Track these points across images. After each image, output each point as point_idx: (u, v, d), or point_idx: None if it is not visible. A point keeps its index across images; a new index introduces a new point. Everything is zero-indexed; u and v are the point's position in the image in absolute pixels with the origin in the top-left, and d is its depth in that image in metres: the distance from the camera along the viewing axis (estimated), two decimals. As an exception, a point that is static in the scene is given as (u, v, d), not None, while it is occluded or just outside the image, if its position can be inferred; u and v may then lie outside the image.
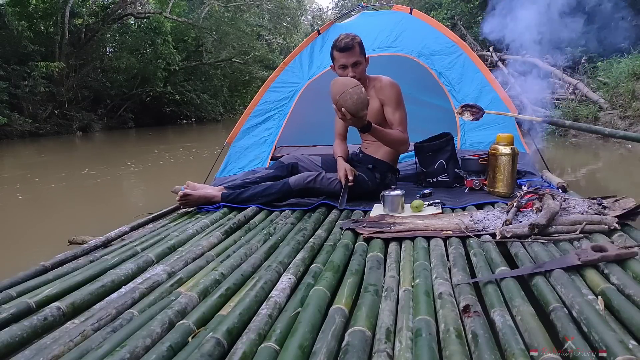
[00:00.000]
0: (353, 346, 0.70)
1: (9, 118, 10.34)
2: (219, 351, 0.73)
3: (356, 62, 1.90)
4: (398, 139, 1.91)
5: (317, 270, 1.09)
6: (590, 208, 1.35)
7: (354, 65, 1.90)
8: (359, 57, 1.91)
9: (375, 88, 1.98)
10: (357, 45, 1.90)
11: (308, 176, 1.88)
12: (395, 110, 1.95)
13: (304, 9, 25.22)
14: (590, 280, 0.92)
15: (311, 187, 1.87)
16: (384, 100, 1.96)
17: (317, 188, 1.88)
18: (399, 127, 1.93)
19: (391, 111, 1.95)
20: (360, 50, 1.92)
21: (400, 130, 1.93)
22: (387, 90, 1.95)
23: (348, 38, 1.88)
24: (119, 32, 15.51)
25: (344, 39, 1.88)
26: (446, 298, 0.87)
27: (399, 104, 1.96)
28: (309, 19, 30.40)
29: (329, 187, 1.88)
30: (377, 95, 1.96)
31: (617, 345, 0.65)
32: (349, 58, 1.89)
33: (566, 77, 6.44)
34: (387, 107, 1.96)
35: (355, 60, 1.90)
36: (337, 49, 1.90)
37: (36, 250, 2.37)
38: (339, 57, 1.91)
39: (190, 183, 1.95)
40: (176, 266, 1.17)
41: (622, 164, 4.27)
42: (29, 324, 0.84)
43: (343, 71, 1.92)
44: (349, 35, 1.91)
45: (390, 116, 1.95)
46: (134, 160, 6.03)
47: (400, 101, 1.97)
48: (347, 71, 1.90)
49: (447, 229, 1.35)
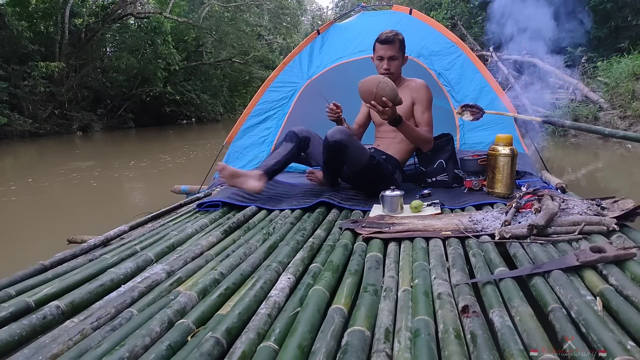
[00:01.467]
0: (352, 346, 0.70)
1: (9, 118, 10.35)
2: (218, 350, 0.73)
3: (393, 57, 2.00)
4: (424, 137, 1.99)
5: (316, 270, 1.09)
6: (589, 209, 1.35)
7: (390, 58, 2.00)
8: (397, 52, 2.01)
9: (410, 87, 2.06)
10: (397, 41, 2.00)
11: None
12: (425, 111, 2.03)
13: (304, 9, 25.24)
14: (589, 281, 0.92)
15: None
16: (415, 99, 2.04)
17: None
18: (426, 127, 2.02)
19: (421, 111, 2.03)
20: (400, 47, 2.02)
21: (426, 130, 2.01)
22: (421, 91, 2.04)
23: (391, 33, 2.00)
24: (119, 32, 15.52)
25: (387, 33, 2.00)
26: (445, 298, 0.87)
27: (429, 106, 2.05)
28: (309, 19, 30.40)
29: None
30: (410, 94, 2.04)
31: (616, 346, 0.66)
32: (387, 51, 1.99)
33: (566, 77, 6.45)
34: (417, 106, 2.04)
35: (392, 55, 2.00)
36: (379, 40, 2.01)
37: (35, 249, 2.37)
38: (379, 49, 2.02)
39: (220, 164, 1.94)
40: (175, 265, 1.17)
41: (622, 164, 4.28)
42: (28, 322, 0.84)
43: (379, 62, 2.02)
44: (393, 31, 2.02)
45: (419, 115, 2.04)
46: (133, 160, 6.04)
47: (430, 104, 2.06)
48: (383, 63, 2.00)
49: (446, 229, 1.35)
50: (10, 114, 10.53)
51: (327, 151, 1.84)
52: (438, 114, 2.83)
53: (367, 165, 1.87)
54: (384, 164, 1.99)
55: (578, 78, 6.49)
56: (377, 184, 1.84)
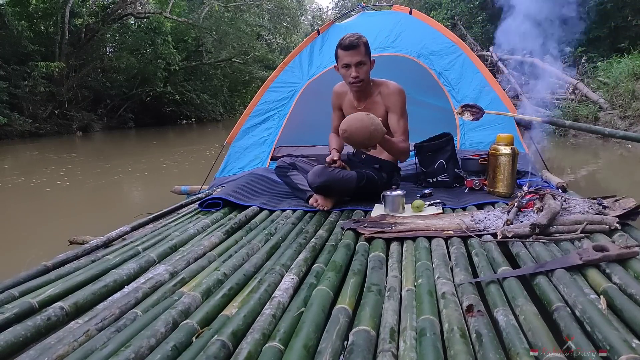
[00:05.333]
0: (358, 346, 0.71)
1: (9, 118, 10.35)
2: (225, 353, 0.73)
3: (360, 62, 1.83)
4: (402, 149, 1.89)
5: (319, 270, 1.10)
6: (590, 208, 1.35)
7: (357, 64, 1.83)
8: (363, 57, 1.83)
9: (382, 94, 1.92)
10: (362, 45, 1.82)
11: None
12: (400, 118, 1.91)
13: (304, 9, 25.21)
14: (592, 280, 0.93)
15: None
16: (389, 107, 1.91)
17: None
18: (401, 136, 1.89)
19: (396, 119, 1.90)
20: (366, 51, 1.85)
21: (402, 140, 1.89)
22: (394, 98, 1.90)
23: (354, 37, 1.82)
24: (119, 32, 15.51)
25: (349, 37, 1.82)
26: (449, 298, 0.87)
27: (403, 112, 1.92)
28: (309, 19, 30.39)
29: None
30: (383, 101, 1.92)
31: (621, 345, 0.66)
32: (353, 57, 1.81)
33: (566, 77, 6.45)
34: (392, 114, 1.91)
35: (359, 60, 1.82)
36: (342, 47, 1.83)
37: (36, 250, 2.37)
38: (343, 56, 1.84)
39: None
40: (178, 266, 1.17)
41: (622, 164, 4.28)
42: (32, 324, 0.84)
43: (346, 71, 1.85)
44: (355, 34, 1.84)
45: (394, 124, 1.91)
46: (133, 160, 6.04)
47: (405, 109, 1.93)
48: (350, 71, 1.83)
49: (448, 229, 1.35)
50: (10, 114, 10.53)
51: (316, 192, 1.83)
52: (438, 114, 2.84)
53: (357, 187, 1.83)
54: (376, 175, 1.92)
55: (578, 78, 6.49)
56: (374, 194, 1.84)
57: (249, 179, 2.24)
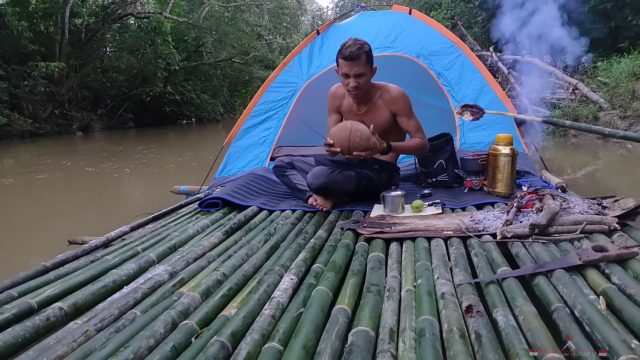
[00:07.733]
0: (357, 346, 0.71)
1: (9, 118, 10.34)
2: (224, 353, 0.73)
3: (360, 74, 1.75)
4: (421, 147, 1.90)
5: (318, 270, 1.10)
6: (590, 208, 1.35)
7: (357, 76, 1.76)
8: (364, 68, 1.75)
9: (384, 99, 1.90)
10: (363, 55, 1.73)
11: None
12: (410, 118, 1.91)
13: (304, 9, 25.21)
14: (592, 280, 0.93)
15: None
16: (396, 111, 1.90)
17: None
18: (417, 134, 1.90)
19: (406, 120, 1.91)
20: (367, 60, 1.76)
21: (420, 137, 1.90)
22: (400, 102, 1.88)
23: (355, 46, 1.71)
24: (119, 32, 15.49)
25: (350, 47, 1.71)
26: (449, 298, 0.87)
27: (411, 112, 1.93)
28: (309, 19, 30.40)
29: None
30: (387, 106, 1.90)
31: (620, 345, 0.66)
32: (352, 68, 1.74)
33: (566, 77, 6.45)
34: (401, 117, 1.91)
35: (359, 72, 1.75)
36: (342, 56, 1.74)
37: (35, 250, 2.37)
38: (343, 65, 1.76)
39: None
40: (177, 266, 1.17)
41: (622, 164, 4.28)
42: (31, 324, 0.84)
43: (345, 79, 1.79)
44: (358, 42, 1.73)
45: (406, 126, 1.92)
46: (133, 160, 6.03)
47: (411, 109, 1.93)
48: (348, 80, 1.77)
49: (447, 229, 1.35)
50: (10, 113, 10.52)
51: (315, 193, 1.83)
52: (438, 114, 2.84)
53: (356, 188, 1.84)
54: (376, 176, 1.92)
55: (578, 78, 6.49)
56: (373, 194, 1.84)
57: (249, 179, 2.24)
